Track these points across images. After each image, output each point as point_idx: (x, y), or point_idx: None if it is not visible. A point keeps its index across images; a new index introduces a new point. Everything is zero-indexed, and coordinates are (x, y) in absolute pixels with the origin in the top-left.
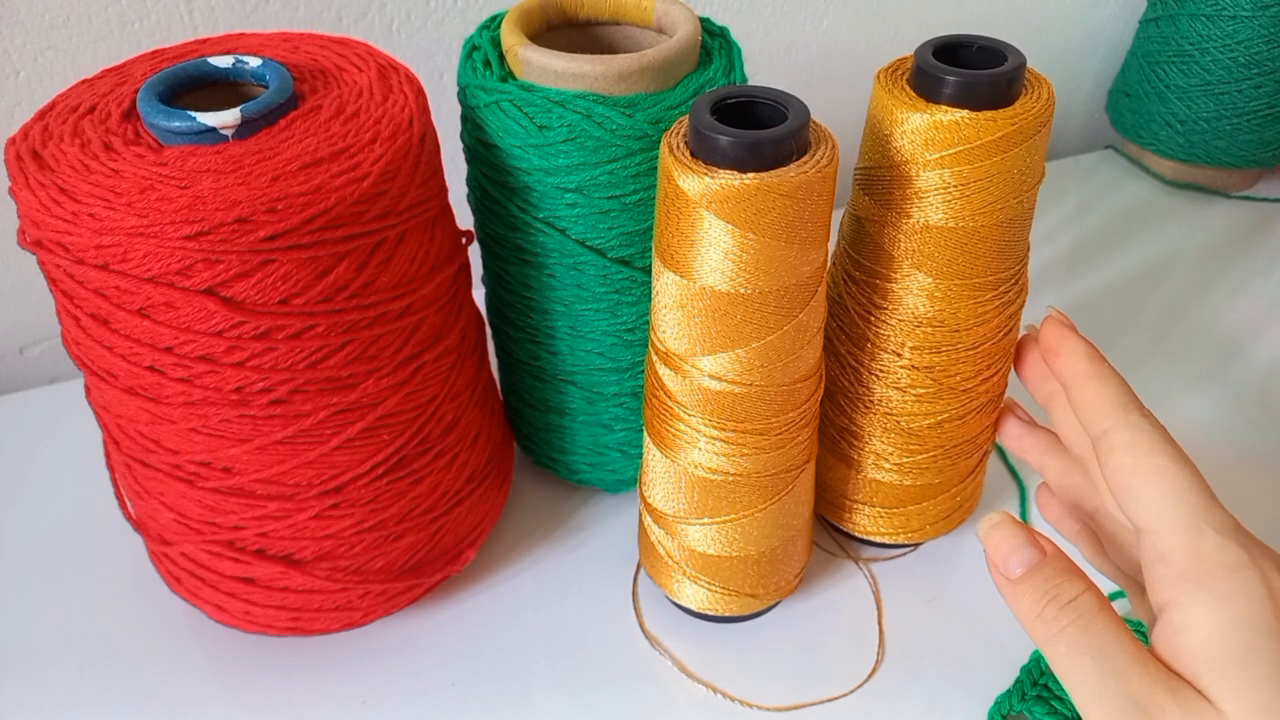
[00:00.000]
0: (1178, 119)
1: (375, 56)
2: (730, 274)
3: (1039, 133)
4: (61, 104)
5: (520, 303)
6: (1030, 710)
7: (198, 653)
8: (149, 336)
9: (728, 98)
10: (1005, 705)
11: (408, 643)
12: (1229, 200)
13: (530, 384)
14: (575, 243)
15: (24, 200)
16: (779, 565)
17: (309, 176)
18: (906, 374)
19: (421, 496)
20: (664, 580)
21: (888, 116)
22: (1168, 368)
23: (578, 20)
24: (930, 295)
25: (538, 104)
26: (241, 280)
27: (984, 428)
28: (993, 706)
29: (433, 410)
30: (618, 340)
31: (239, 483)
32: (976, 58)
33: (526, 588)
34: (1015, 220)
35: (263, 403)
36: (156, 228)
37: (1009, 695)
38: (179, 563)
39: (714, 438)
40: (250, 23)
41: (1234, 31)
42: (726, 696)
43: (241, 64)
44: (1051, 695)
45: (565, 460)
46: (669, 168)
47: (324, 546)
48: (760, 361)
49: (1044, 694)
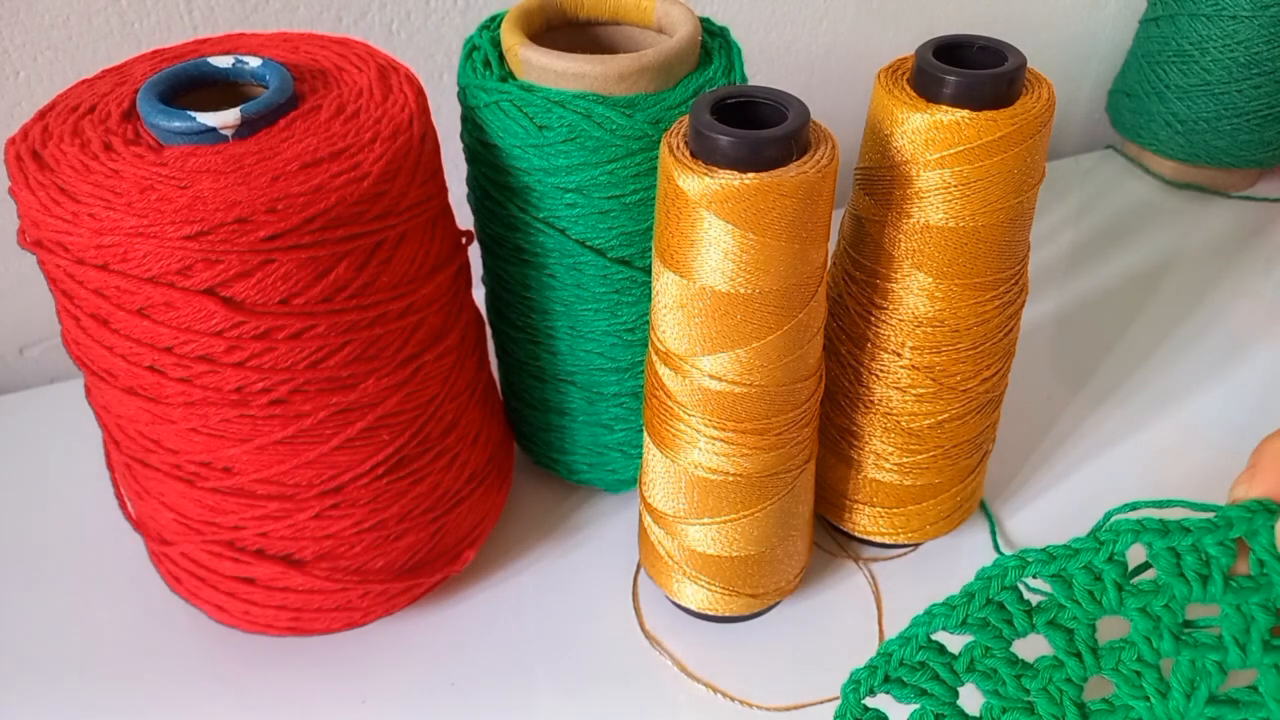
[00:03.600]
0: (1178, 119)
1: (375, 56)
2: (730, 274)
3: (1039, 133)
4: (61, 104)
5: (520, 303)
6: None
7: (198, 653)
8: (149, 336)
9: (728, 98)
10: (864, 686)
11: (408, 643)
12: (1229, 200)
13: (530, 384)
14: (575, 243)
15: (24, 200)
16: (779, 565)
17: (309, 176)
18: (907, 374)
19: (421, 496)
20: (664, 580)
21: (888, 116)
22: (1168, 368)
23: (578, 20)
24: (930, 295)
25: (538, 104)
26: (241, 280)
27: (984, 428)
28: (848, 683)
29: (433, 410)
30: (618, 340)
31: (239, 483)
32: (977, 58)
33: (526, 588)
34: (1015, 220)
35: (263, 403)
36: (156, 228)
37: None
38: (179, 563)
39: (714, 438)
40: (250, 23)
41: (1234, 31)
42: (726, 696)
43: (241, 64)
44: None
45: (565, 460)
46: (669, 168)
47: (324, 546)
48: (760, 361)
49: (906, 676)
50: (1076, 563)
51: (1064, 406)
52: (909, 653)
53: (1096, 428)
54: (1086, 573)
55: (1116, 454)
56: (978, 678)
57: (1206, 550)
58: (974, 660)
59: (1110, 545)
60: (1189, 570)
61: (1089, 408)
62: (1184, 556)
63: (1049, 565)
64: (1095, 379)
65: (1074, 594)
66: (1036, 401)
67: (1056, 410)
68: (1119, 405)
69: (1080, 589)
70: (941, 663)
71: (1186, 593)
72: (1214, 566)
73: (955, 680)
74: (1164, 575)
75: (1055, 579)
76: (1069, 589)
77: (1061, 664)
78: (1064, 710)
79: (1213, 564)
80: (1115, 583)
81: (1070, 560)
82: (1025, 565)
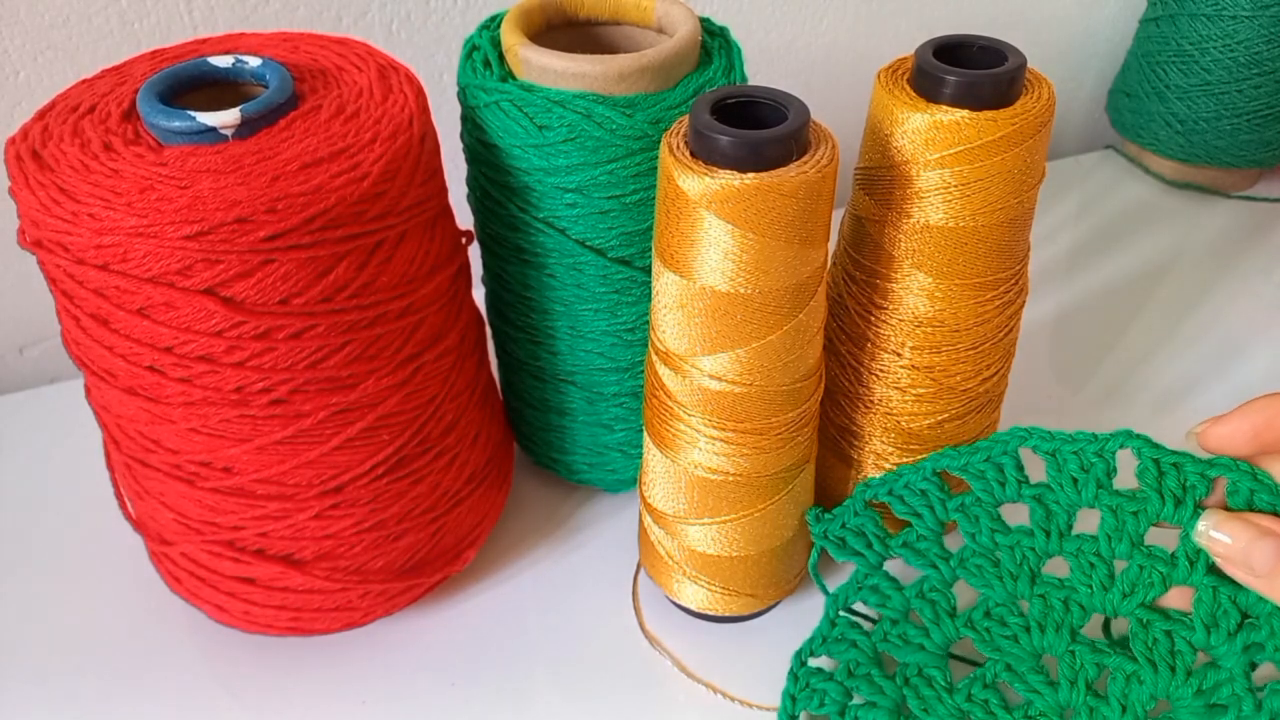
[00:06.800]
0: (1178, 119)
1: (375, 56)
2: (730, 274)
3: (1039, 133)
4: (61, 104)
5: (520, 303)
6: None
7: (198, 653)
8: (149, 336)
9: (728, 98)
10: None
11: (408, 643)
12: (1229, 200)
13: (530, 384)
14: (575, 243)
15: (24, 200)
16: (779, 565)
17: (309, 176)
18: (906, 374)
19: (421, 496)
20: (664, 580)
21: (888, 116)
22: (1168, 368)
23: (578, 20)
24: (930, 295)
25: (538, 104)
26: (241, 280)
27: (984, 428)
28: (860, 486)
29: (433, 410)
30: (618, 340)
31: (239, 483)
32: (977, 58)
33: (526, 588)
34: (1015, 220)
35: (263, 403)
36: (156, 228)
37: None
38: (179, 563)
39: (714, 438)
40: (250, 23)
41: (1234, 31)
42: (726, 696)
43: (241, 64)
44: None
45: (565, 460)
46: (669, 168)
47: (324, 546)
48: (760, 361)
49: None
50: (1071, 448)
51: (1064, 406)
52: (916, 478)
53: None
54: (1076, 460)
55: None
56: (963, 519)
57: (1187, 475)
58: (964, 504)
59: (1103, 443)
60: (1166, 488)
61: (1089, 408)
62: (1166, 475)
63: (1048, 442)
64: (1095, 379)
65: (1062, 478)
66: (1036, 401)
67: (1056, 410)
68: (1119, 405)
69: (1067, 475)
70: (938, 496)
71: (1158, 508)
72: (1189, 494)
73: (943, 513)
74: (1144, 486)
75: (1050, 456)
76: (1059, 471)
77: (1033, 534)
78: (1021, 572)
79: (1189, 492)
80: (1097, 479)
81: (1066, 445)
82: (1029, 437)
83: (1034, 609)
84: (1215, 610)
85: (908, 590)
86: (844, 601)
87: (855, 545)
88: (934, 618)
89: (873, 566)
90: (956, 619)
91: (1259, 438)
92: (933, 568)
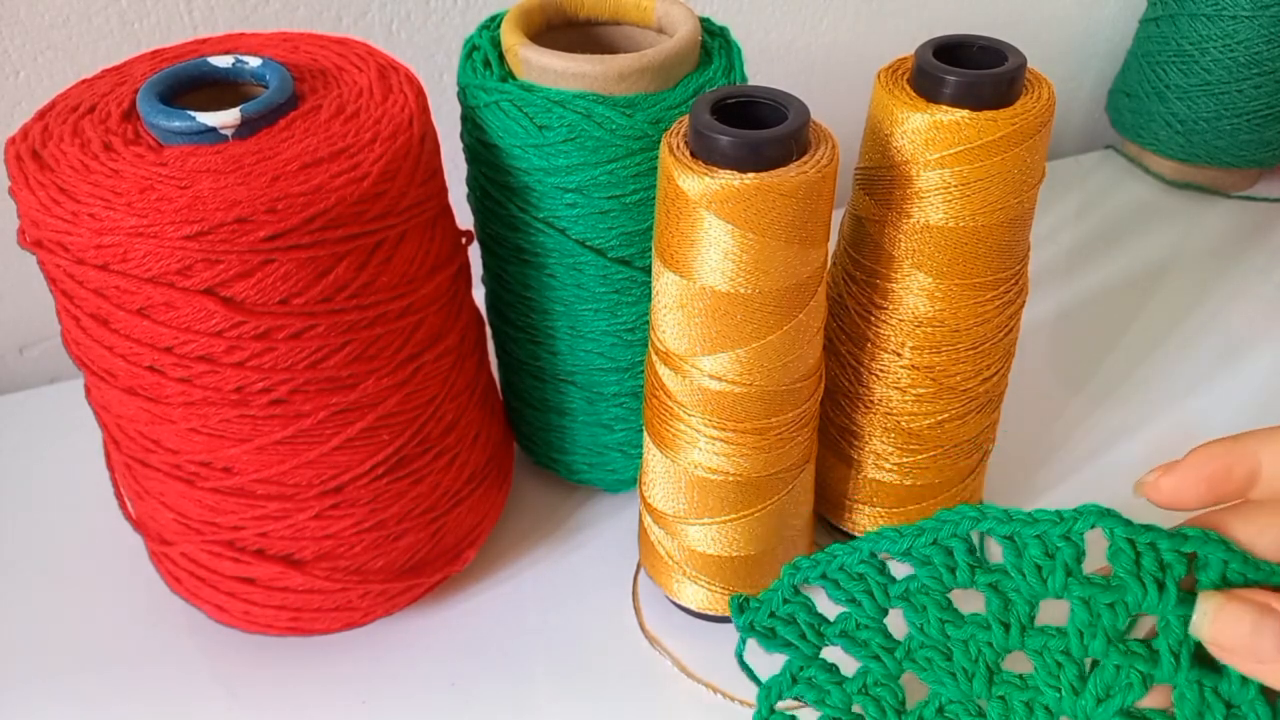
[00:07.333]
0: (1178, 119)
1: (375, 56)
2: (730, 274)
3: (1039, 133)
4: (61, 104)
5: (520, 303)
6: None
7: (198, 653)
8: (149, 336)
9: (728, 98)
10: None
11: (408, 643)
12: (1229, 200)
13: (530, 384)
14: (575, 243)
15: (24, 200)
16: (779, 565)
17: (309, 176)
18: (906, 374)
19: (421, 496)
20: (664, 580)
21: (888, 116)
22: (1168, 368)
23: (578, 20)
24: (930, 295)
25: (538, 104)
26: (241, 280)
27: (984, 428)
28: (788, 567)
29: (433, 410)
30: (618, 340)
31: (239, 483)
32: (977, 58)
33: (526, 588)
34: (1015, 220)
35: (263, 403)
36: (156, 228)
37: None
38: (179, 563)
39: (714, 438)
40: (250, 23)
41: (1234, 31)
42: (726, 696)
43: (241, 64)
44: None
45: (565, 460)
46: (669, 168)
47: (324, 546)
48: (760, 361)
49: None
50: (1031, 531)
51: (1064, 406)
52: (851, 561)
53: (1096, 428)
54: (1039, 544)
55: (1116, 454)
56: (908, 608)
57: (1163, 554)
58: (909, 591)
59: (1070, 524)
60: (1145, 572)
61: (1089, 408)
62: (1143, 556)
63: (1004, 525)
64: (1095, 379)
65: (1022, 564)
66: (1036, 401)
67: (1056, 410)
68: (1119, 405)
69: (1029, 561)
70: (879, 581)
71: (1139, 597)
72: (1168, 575)
73: (885, 601)
74: (1120, 572)
75: (1007, 541)
76: (1019, 557)
77: (989, 627)
78: (976, 670)
79: (1167, 572)
80: (1065, 565)
81: (1026, 527)
82: (982, 519)
83: (993, 711)
84: (1201, 709)
85: (849, 685)
86: (777, 696)
87: (787, 635)
88: (880, 716)
89: (808, 658)
90: (906, 717)
91: (1215, 490)
92: (876, 659)
